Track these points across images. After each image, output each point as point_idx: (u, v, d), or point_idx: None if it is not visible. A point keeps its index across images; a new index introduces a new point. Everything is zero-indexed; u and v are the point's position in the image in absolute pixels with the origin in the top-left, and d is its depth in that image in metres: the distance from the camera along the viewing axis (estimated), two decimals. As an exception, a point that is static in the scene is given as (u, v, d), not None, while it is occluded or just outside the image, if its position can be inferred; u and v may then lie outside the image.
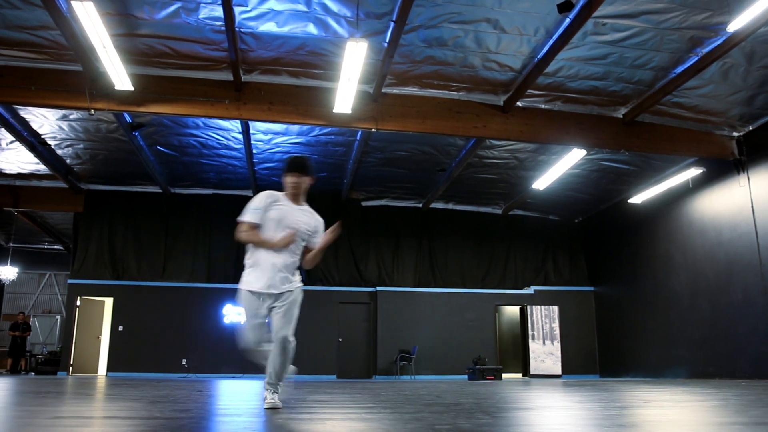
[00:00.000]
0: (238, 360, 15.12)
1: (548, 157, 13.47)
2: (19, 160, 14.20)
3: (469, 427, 2.74)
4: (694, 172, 12.48)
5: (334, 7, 8.57)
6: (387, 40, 9.19)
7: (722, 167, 12.19)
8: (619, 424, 2.95)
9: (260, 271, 3.85)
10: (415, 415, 3.41)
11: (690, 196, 13.23)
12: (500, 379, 13.91)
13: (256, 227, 3.87)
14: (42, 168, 14.50)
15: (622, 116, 11.54)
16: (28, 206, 16.12)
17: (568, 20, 8.61)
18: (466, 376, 14.79)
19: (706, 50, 9.27)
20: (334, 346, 15.93)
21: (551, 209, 17.47)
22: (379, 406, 4.14)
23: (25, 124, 12.16)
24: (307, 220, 3.97)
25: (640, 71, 10.04)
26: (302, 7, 8.61)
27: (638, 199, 14.26)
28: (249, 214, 3.88)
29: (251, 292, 3.85)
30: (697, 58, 9.49)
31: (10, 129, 11.97)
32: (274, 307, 3.83)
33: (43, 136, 12.78)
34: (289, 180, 3.95)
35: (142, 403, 4.28)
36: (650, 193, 13.84)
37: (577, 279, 17.61)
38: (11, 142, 12.99)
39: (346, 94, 9.64)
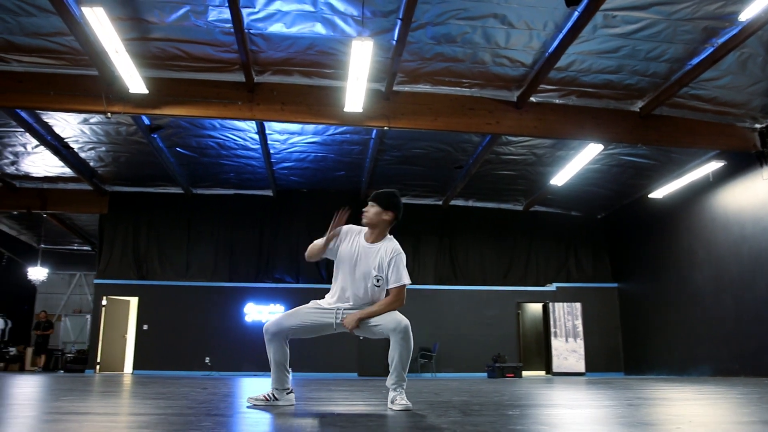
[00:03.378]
0: (259, 358, 15.44)
1: (566, 153, 13.30)
2: (46, 164, 14.54)
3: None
4: (714, 165, 12.20)
5: (341, 6, 8.60)
6: (395, 38, 9.19)
7: (744, 160, 11.90)
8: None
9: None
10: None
11: (712, 190, 12.94)
12: (520, 376, 13.79)
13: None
14: (67, 171, 14.83)
15: (639, 110, 11.34)
16: (55, 208, 16.54)
17: (576, 14, 8.50)
18: (485, 374, 14.70)
19: (721, 40, 9.05)
20: (355, 343, 15.93)
21: (573, 205, 17.26)
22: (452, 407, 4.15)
23: (48, 128, 12.46)
24: (373, 258, 3.84)
25: (655, 63, 9.86)
26: (309, 7, 8.66)
27: (659, 194, 14.01)
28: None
29: None
30: (712, 49, 9.27)
31: (34, 133, 12.29)
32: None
33: (66, 140, 13.09)
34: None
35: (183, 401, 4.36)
36: (671, 188, 13.59)
37: (600, 276, 17.38)
38: (36, 146, 13.31)
39: (355, 93, 9.68)
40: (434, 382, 9.69)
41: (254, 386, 7.63)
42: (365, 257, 3.84)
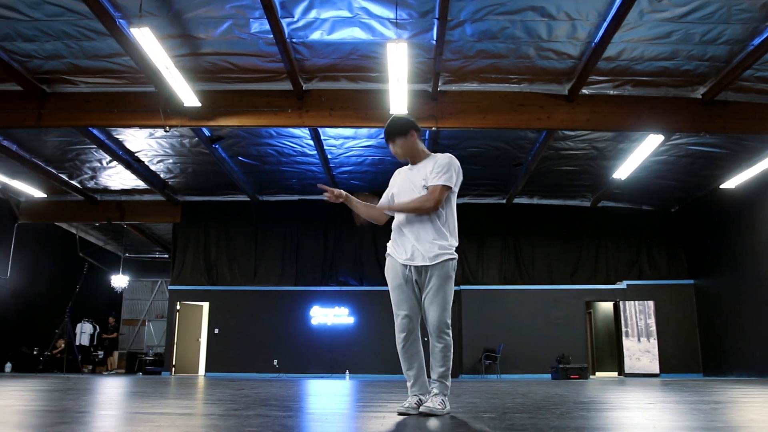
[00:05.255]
0: (326, 360, 15.74)
1: (628, 145, 12.79)
2: (121, 177, 15.38)
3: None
4: (788, 151, 11.42)
5: (376, 10, 8.66)
6: (435, 37, 9.16)
7: (824, 144, 11.07)
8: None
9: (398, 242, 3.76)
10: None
11: (789, 177, 12.11)
12: (586, 378, 13.37)
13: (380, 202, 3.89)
14: (141, 183, 15.62)
15: (701, 96, 10.76)
16: (133, 219, 17.48)
17: (618, 0, 8.19)
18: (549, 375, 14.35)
19: (784, 17, 8.48)
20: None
21: (643, 199, 16.56)
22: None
23: (119, 143, 13.19)
24: (417, 175, 3.75)
25: (713, 47, 9.33)
26: (346, 13, 8.77)
27: (731, 184, 13.22)
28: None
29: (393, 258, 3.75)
30: (775, 27, 8.70)
31: (107, 149, 13.04)
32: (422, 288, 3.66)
33: (136, 154, 13.81)
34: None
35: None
36: (744, 177, 12.79)
37: (675, 272, 16.57)
38: (110, 161, 14.12)
39: (398, 95, 9.72)
40: (486, 384, 9.56)
41: (295, 389, 7.78)
42: (411, 179, 3.79)
